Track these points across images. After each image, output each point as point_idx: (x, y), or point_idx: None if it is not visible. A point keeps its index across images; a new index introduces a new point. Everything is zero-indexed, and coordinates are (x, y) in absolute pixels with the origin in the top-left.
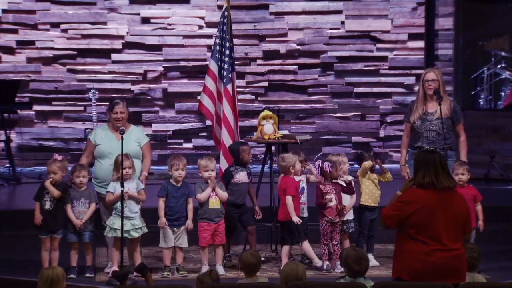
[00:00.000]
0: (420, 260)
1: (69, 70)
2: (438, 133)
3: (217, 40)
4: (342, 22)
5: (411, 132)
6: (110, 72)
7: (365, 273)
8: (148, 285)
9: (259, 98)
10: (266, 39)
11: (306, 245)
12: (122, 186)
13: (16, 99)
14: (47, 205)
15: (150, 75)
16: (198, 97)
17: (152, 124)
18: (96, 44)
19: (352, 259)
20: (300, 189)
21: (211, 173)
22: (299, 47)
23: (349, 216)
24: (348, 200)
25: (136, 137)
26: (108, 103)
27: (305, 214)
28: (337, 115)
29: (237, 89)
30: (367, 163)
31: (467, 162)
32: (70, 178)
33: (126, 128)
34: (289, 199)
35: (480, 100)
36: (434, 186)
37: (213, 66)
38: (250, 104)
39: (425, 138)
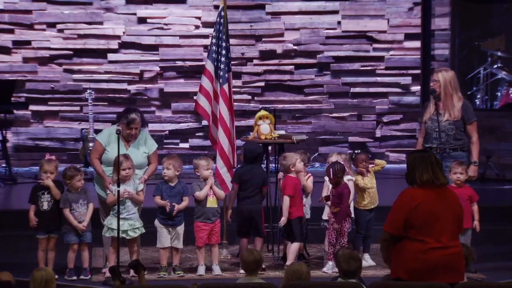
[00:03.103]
0: (417, 259)
1: (65, 70)
2: (447, 134)
3: (214, 40)
4: (339, 22)
5: (426, 133)
6: (106, 72)
7: (355, 274)
8: (145, 285)
9: (255, 98)
10: (263, 39)
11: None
12: (118, 186)
13: (12, 99)
14: (45, 206)
15: (147, 75)
16: (195, 97)
17: (149, 124)
18: (92, 44)
19: (343, 257)
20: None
21: (211, 173)
22: (295, 47)
23: None
24: None
25: (145, 148)
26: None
27: (308, 216)
28: (334, 115)
29: (234, 89)
30: (383, 162)
31: (466, 162)
32: (68, 183)
33: (133, 139)
34: (286, 199)
35: (476, 100)
36: (433, 184)
37: (210, 66)
38: (247, 104)
39: (435, 139)
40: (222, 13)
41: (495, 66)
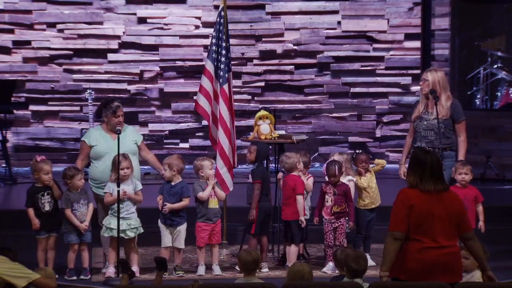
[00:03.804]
0: (412, 258)
1: (65, 70)
2: (436, 133)
3: (214, 40)
4: (339, 22)
5: (414, 132)
6: (106, 72)
7: (364, 273)
8: (145, 285)
9: (255, 98)
10: (263, 39)
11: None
12: (118, 186)
13: (12, 99)
14: (47, 207)
15: (147, 75)
16: (195, 97)
17: (149, 124)
18: (92, 44)
19: (351, 258)
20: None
21: (213, 173)
22: (295, 47)
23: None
24: None
25: (132, 136)
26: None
27: (307, 216)
28: (334, 115)
29: (234, 89)
30: (383, 162)
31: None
32: (68, 183)
33: (121, 127)
34: (299, 198)
35: (476, 100)
36: (419, 188)
37: (210, 66)
38: (247, 104)
39: (424, 138)
40: (222, 13)
41: (495, 66)
